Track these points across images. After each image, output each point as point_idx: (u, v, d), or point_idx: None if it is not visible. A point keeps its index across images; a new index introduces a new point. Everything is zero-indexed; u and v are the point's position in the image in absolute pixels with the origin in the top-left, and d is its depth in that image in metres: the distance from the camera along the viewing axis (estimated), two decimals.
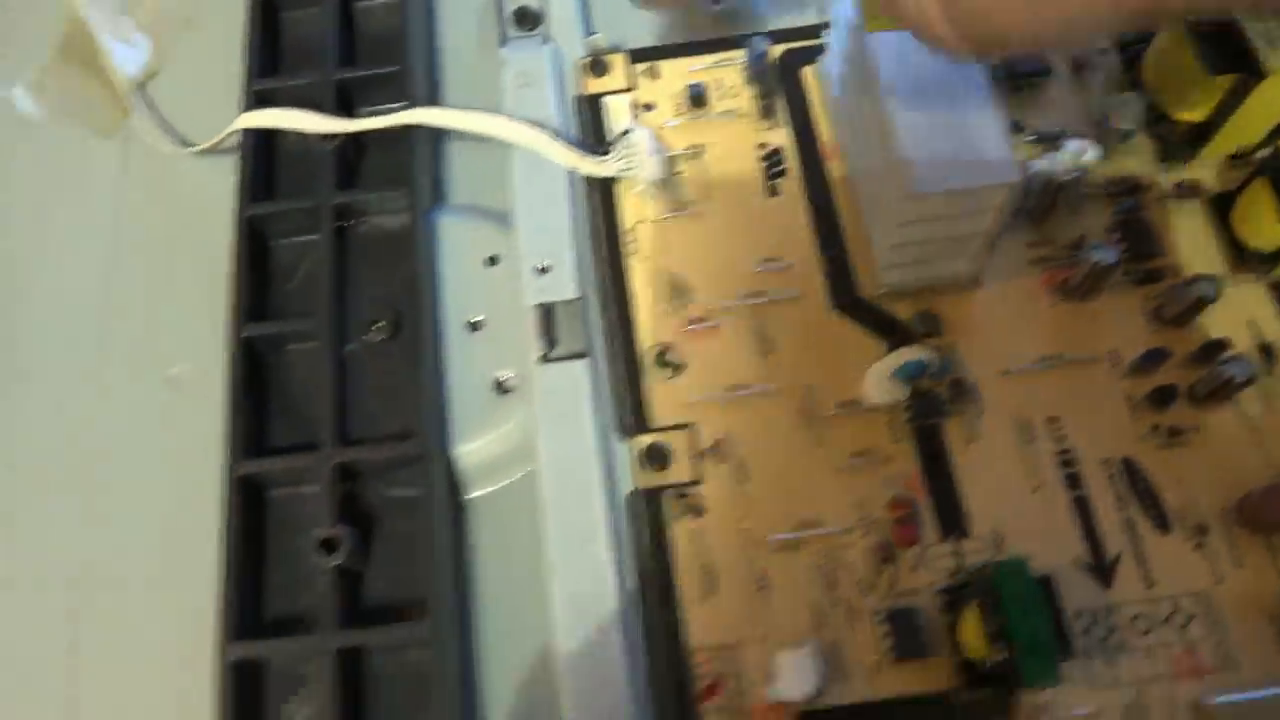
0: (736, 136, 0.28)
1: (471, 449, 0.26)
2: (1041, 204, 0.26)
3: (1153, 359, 0.25)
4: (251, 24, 0.30)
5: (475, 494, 0.26)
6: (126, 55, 0.33)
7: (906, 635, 0.22)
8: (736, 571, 0.24)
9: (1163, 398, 0.24)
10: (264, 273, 0.28)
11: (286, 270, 0.28)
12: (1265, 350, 0.25)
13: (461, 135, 0.30)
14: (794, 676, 0.21)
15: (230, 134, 0.29)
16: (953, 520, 0.24)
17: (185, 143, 0.31)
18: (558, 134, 0.28)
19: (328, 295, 0.26)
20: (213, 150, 0.31)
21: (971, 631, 0.21)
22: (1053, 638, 0.20)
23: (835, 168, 0.28)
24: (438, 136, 0.30)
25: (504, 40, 0.30)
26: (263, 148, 0.29)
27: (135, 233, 0.30)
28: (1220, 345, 0.25)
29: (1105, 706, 0.22)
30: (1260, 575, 0.23)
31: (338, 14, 0.30)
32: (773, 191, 0.28)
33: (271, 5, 0.31)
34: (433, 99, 0.31)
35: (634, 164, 0.26)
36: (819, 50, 0.29)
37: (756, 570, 0.24)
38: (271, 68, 0.31)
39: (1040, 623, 0.20)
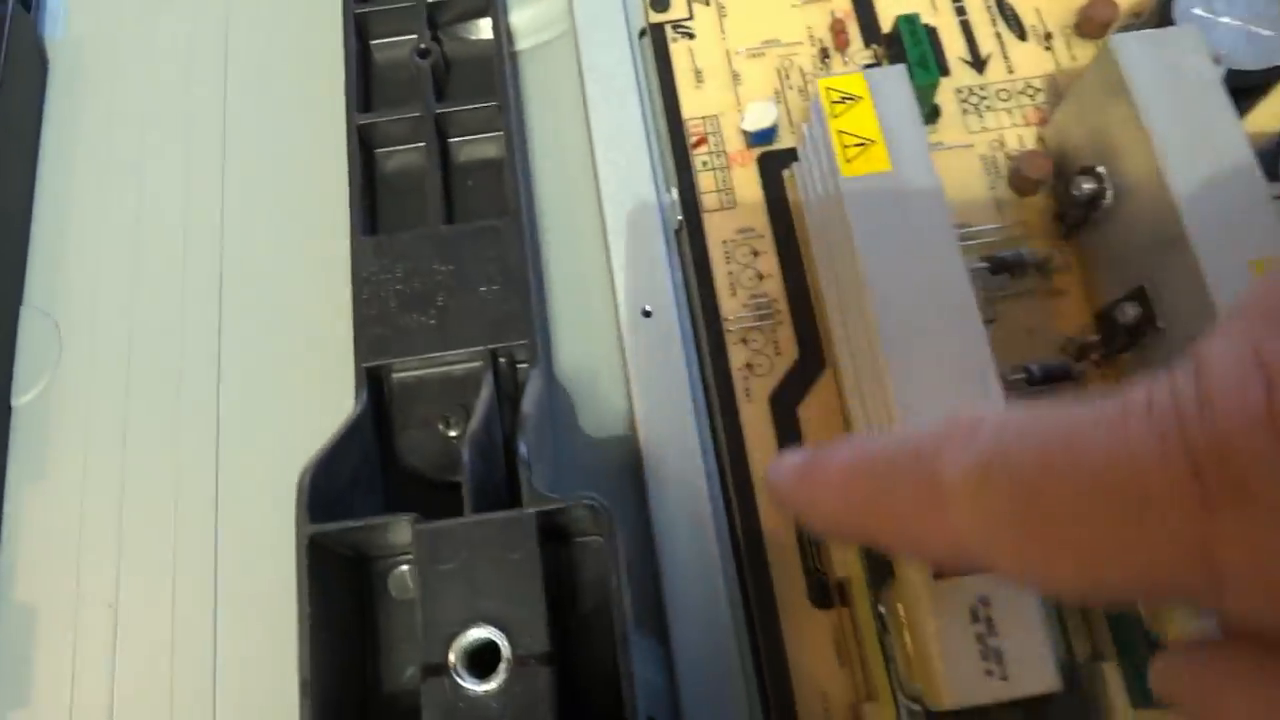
0: None
1: (517, 13, 0.35)
2: None
3: None
4: None
5: (523, 46, 0.35)
6: None
7: None
8: (718, 72, 0.33)
9: None
10: None
11: None
12: None
13: None
14: (759, 114, 0.31)
15: None
16: (872, 34, 0.33)
17: None
18: None
19: None
20: None
21: None
22: (934, 62, 0.29)
23: None
24: None
25: None
26: None
27: None
28: None
29: (978, 143, 0.31)
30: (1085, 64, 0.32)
31: None
32: None
33: None
34: None
35: None
36: None
37: (732, 71, 0.33)
38: None
39: (927, 48, 0.29)
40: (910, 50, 0.29)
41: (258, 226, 0.33)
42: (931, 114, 0.31)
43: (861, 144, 0.25)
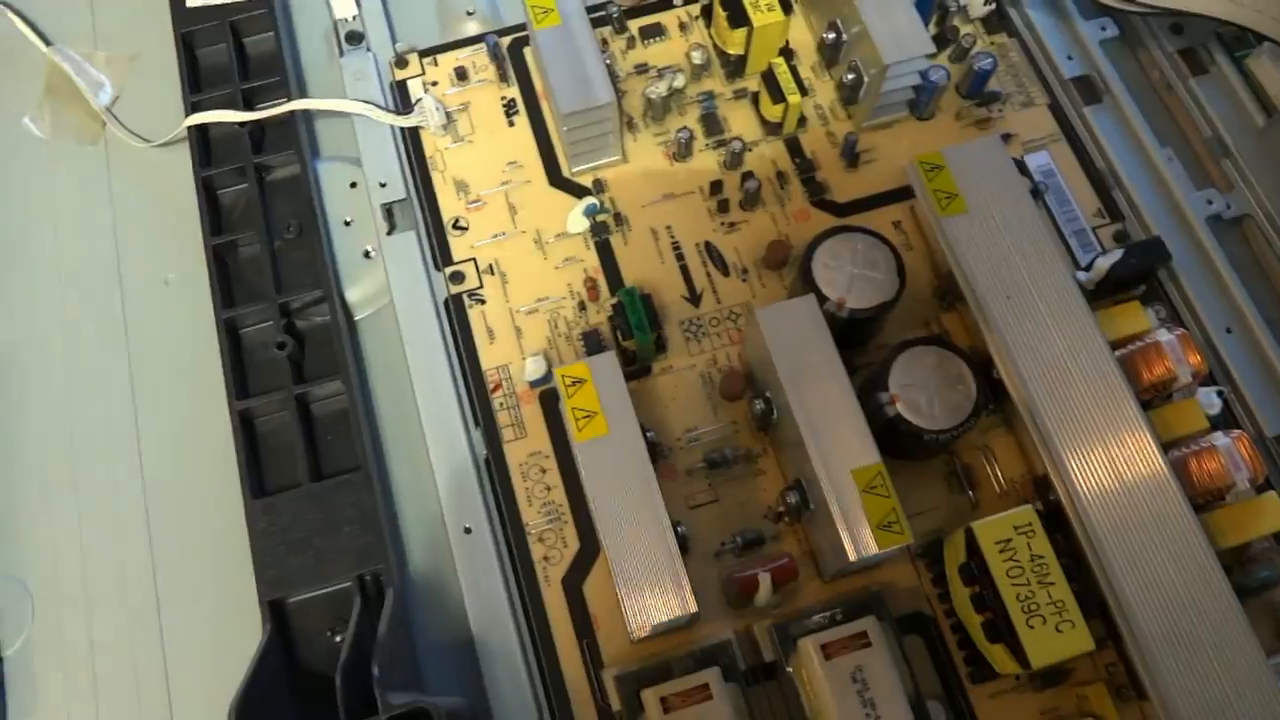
0: (487, 94, 0.49)
1: (352, 291, 0.46)
2: (658, 110, 0.47)
3: (717, 189, 0.46)
4: (180, 58, 0.49)
5: (360, 316, 0.46)
6: (97, 88, 0.52)
7: (593, 343, 0.43)
8: (504, 328, 0.44)
9: (723, 206, 0.46)
10: (216, 211, 0.48)
11: (229, 208, 0.48)
12: (780, 176, 0.46)
13: (322, 114, 0.49)
14: (532, 368, 0.42)
15: (181, 130, 0.48)
16: (616, 280, 0.45)
17: (146, 140, 0.50)
18: (381, 106, 0.48)
19: (258, 211, 0.46)
20: (168, 143, 0.50)
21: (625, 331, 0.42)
22: (648, 323, 0.41)
23: (546, 107, 0.48)
24: (308, 117, 0.50)
25: (341, 53, 0.50)
26: (202, 137, 0.48)
27: (123, 202, 0.49)
28: (751, 174, 0.46)
29: (698, 363, 0.43)
30: (771, 289, 0.44)
31: (233, 46, 0.49)
32: (510, 123, 0.48)
33: (190, 44, 0.50)
34: (302, 94, 0.50)
35: (424, 118, 0.47)
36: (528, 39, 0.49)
37: (515, 326, 0.44)
38: (196, 86, 0.50)
39: (642, 314, 0.41)
40: (630, 316, 0.41)
41: (172, 497, 0.43)
42: (660, 344, 0.43)
43: (588, 415, 0.37)
